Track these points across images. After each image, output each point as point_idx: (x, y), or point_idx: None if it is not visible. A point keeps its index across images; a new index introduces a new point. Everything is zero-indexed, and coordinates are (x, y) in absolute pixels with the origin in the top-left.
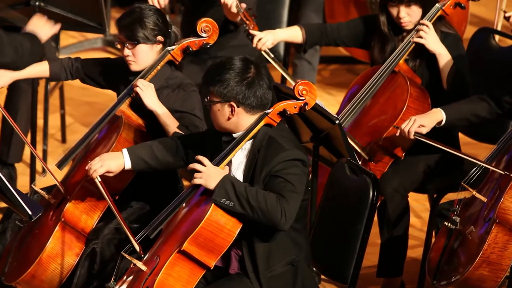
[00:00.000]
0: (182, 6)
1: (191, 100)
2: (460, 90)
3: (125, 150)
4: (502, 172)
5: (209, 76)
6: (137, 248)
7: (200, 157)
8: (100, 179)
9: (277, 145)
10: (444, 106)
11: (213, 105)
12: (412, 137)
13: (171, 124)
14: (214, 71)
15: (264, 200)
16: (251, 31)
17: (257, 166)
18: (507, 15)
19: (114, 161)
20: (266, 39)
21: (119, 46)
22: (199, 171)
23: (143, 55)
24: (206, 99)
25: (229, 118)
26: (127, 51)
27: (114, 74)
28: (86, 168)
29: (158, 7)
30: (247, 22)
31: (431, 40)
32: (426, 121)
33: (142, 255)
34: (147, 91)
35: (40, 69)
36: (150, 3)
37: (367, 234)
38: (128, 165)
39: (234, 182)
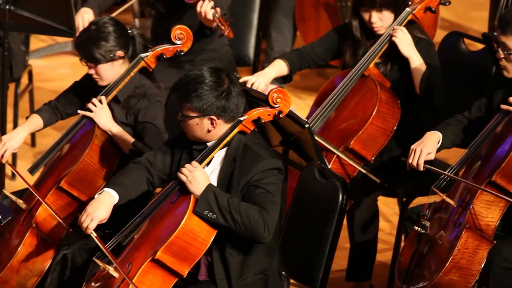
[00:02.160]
0: (152, 10)
1: (153, 111)
2: (432, 95)
3: (108, 189)
4: (469, 183)
5: (182, 92)
6: (110, 257)
7: (193, 162)
8: (95, 234)
9: (253, 153)
10: (438, 127)
11: (189, 120)
12: (422, 169)
13: (126, 141)
14: (188, 87)
15: (247, 213)
16: (242, 79)
17: (234, 175)
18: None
19: (102, 209)
20: (258, 83)
21: (84, 64)
22: (187, 170)
23: (106, 73)
24: (181, 114)
25: (209, 131)
26: (90, 70)
27: (85, 94)
28: (79, 224)
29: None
30: (223, 27)
31: (405, 42)
32: (430, 147)
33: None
34: (99, 114)
35: (34, 124)
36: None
37: (336, 238)
38: (116, 199)
39: (217, 193)
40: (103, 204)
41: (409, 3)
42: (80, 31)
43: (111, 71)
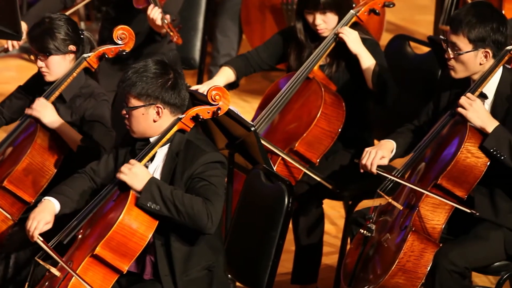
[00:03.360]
0: (98, 13)
1: (100, 109)
2: (385, 89)
3: (48, 197)
4: (415, 188)
5: (128, 82)
6: (52, 255)
7: (131, 160)
8: (42, 238)
9: (196, 147)
10: (392, 135)
11: (135, 111)
12: (374, 170)
13: (74, 137)
14: (133, 77)
15: (191, 204)
16: (193, 87)
17: (177, 169)
18: None
19: (46, 212)
20: None
21: (33, 58)
22: (126, 168)
23: (56, 66)
24: (127, 106)
25: (154, 121)
26: (40, 63)
27: (29, 98)
28: (26, 231)
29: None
30: (172, 33)
31: (353, 39)
32: (385, 152)
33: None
34: (44, 111)
35: None
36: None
37: (282, 241)
38: (58, 208)
39: (160, 185)
40: (46, 209)
41: (353, 5)
42: (33, 25)
43: (61, 65)
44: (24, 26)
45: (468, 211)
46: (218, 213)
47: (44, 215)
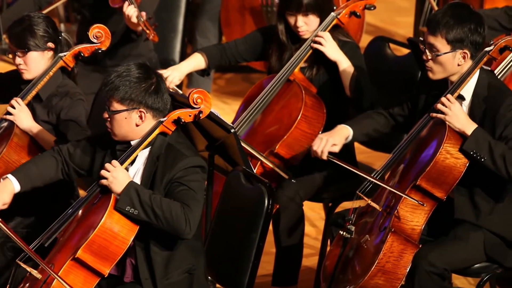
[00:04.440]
0: (77, 15)
1: (76, 109)
2: (361, 96)
3: (10, 176)
4: (394, 190)
5: (111, 86)
6: (33, 257)
7: (113, 161)
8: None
9: (176, 152)
10: (347, 122)
11: (117, 115)
12: (325, 157)
13: (48, 140)
14: (116, 81)
15: (169, 209)
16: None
17: (157, 173)
18: None
19: (4, 193)
20: (173, 77)
21: (11, 56)
22: (107, 171)
23: (34, 63)
24: (109, 109)
25: (137, 125)
26: (18, 60)
27: (8, 90)
28: None
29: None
30: (148, 31)
31: (330, 47)
32: (337, 139)
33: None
34: (18, 116)
35: None
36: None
37: (262, 242)
38: (17, 188)
39: (139, 189)
40: (4, 190)
41: (334, 7)
42: (12, 23)
43: (39, 62)
44: None
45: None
46: (196, 219)
47: (2, 196)
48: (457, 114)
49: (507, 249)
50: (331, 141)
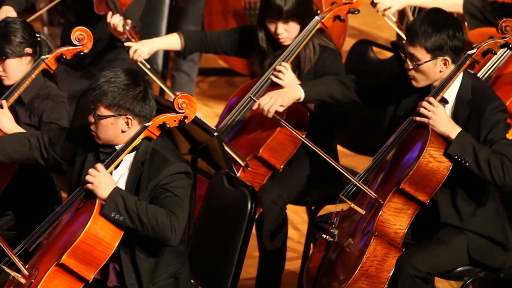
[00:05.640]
0: (61, 18)
1: (58, 111)
2: (336, 111)
3: None
4: (374, 196)
5: (99, 91)
6: (17, 263)
7: (98, 165)
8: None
9: (161, 158)
10: (303, 84)
11: (103, 120)
12: (270, 116)
13: None
14: (104, 86)
15: (155, 216)
16: (126, 43)
17: (142, 179)
18: (375, 0)
19: None
20: (142, 50)
21: None
22: (92, 176)
23: (13, 69)
24: (95, 113)
25: (123, 131)
26: None
27: None
28: None
29: None
30: (133, 40)
31: (289, 82)
32: (285, 100)
33: (23, 270)
34: (2, 119)
35: None
36: None
37: (245, 246)
38: None
39: (124, 195)
40: None
41: (318, 12)
42: None
43: (18, 68)
44: (12, 12)
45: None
46: (182, 226)
47: None
48: (440, 117)
49: (495, 249)
50: (279, 101)
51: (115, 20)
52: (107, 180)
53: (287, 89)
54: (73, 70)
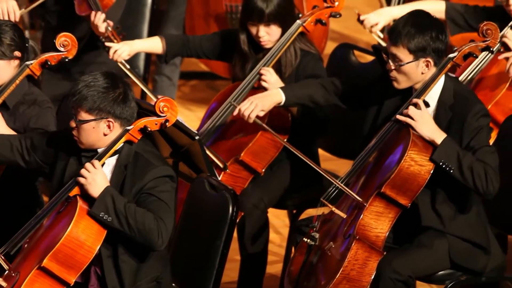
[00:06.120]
0: (42, 22)
1: (45, 117)
2: (318, 116)
3: None
4: (357, 198)
5: (79, 96)
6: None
7: (93, 161)
8: None
9: (145, 161)
10: (283, 87)
11: (85, 124)
12: (251, 121)
13: None
14: (84, 91)
15: (142, 220)
16: (107, 44)
17: (126, 182)
18: (361, 18)
19: None
20: (122, 51)
21: None
22: (87, 171)
23: (1, 71)
24: (76, 118)
25: (105, 134)
26: None
27: None
28: None
29: (13, 20)
30: (115, 41)
31: (274, 84)
32: (266, 104)
33: (7, 269)
34: None
35: None
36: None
37: (226, 250)
38: None
39: (115, 197)
40: None
41: (300, 15)
42: None
43: (5, 71)
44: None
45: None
46: (169, 231)
47: None
48: (426, 121)
49: (476, 253)
50: (260, 106)
51: (99, 21)
52: (101, 178)
53: (268, 93)
54: (54, 72)
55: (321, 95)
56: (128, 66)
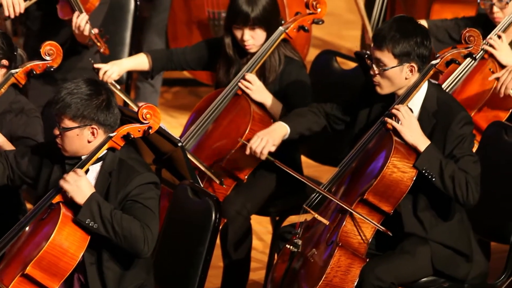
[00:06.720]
0: (24, 28)
1: (33, 126)
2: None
3: None
4: (342, 204)
5: (62, 104)
6: None
7: (77, 169)
8: None
9: (129, 168)
10: (284, 119)
11: (69, 132)
12: (264, 158)
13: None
14: (67, 98)
15: (128, 227)
16: (96, 65)
17: (110, 189)
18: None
19: None
20: (111, 71)
21: None
22: (71, 179)
23: None
24: (60, 126)
25: (89, 141)
26: None
27: None
28: None
29: (12, 15)
30: (99, 44)
31: (257, 90)
32: (276, 139)
33: None
34: None
35: None
36: (6, 12)
37: (209, 256)
38: None
39: (100, 203)
40: None
41: (282, 22)
42: None
43: None
44: None
45: (384, 230)
46: (155, 239)
47: None
48: (413, 126)
49: (458, 260)
50: (271, 142)
51: (82, 22)
52: (85, 185)
53: (274, 127)
54: (35, 79)
55: (315, 122)
56: (118, 87)
